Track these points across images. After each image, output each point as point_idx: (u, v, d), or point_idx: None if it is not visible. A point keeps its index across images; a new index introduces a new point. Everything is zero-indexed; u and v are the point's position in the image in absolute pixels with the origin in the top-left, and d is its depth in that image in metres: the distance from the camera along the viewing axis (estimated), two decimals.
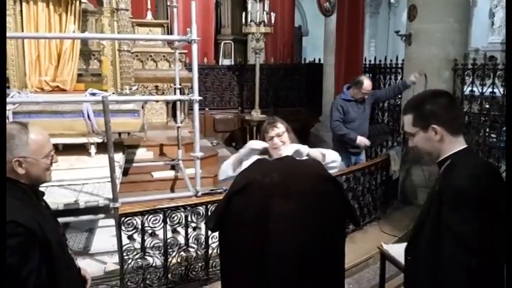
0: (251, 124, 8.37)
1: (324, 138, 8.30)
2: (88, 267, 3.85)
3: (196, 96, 4.15)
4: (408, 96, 5.74)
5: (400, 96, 6.54)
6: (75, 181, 4.15)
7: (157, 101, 7.17)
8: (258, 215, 2.25)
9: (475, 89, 5.32)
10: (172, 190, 5.68)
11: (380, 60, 7.22)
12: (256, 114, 8.41)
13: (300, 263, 2.29)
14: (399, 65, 6.61)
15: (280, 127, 2.57)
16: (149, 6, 7.72)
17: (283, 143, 2.52)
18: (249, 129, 8.41)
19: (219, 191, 4.24)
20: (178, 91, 5.93)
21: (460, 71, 5.45)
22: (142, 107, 5.57)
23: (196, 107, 4.17)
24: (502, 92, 4.83)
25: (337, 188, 2.40)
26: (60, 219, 3.83)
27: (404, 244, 1.87)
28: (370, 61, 7.45)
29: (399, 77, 6.60)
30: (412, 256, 1.85)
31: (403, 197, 5.68)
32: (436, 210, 1.63)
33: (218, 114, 9.06)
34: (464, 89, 5.45)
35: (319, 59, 9.43)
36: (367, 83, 5.12)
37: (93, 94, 4.96)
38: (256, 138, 7.92)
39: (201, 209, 3.64)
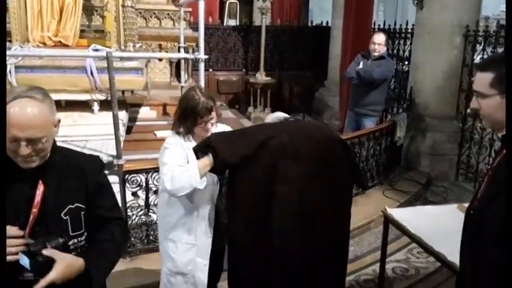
0: (255, 87, 8.28)
1: (328, 103, 8.24)
2: None
3: (202, 55, 4.07)
4: (419, 64, 5.67)
5: (407, 62, 6.45)
6: (78, 137, 4.14)
7: (160, 60, 7.06)
8: (266, 176, 2.23)
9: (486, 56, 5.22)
10: None
11: (389, 25, 7.05)
12: (261, 77, 8.31)
13: (306, 226, 2.29)
14: (409, 30, 6.46)
15: (215, 110, 2.37)
16: None
17: (213, 124, 2.40)
18: (253, 91, 8.33)
19: None
20: (182, 50, 5.82)
21: (471, 37, 5.33)
22: (146, 66, 5.49)
23: (202, 66, 4.09)
24: None
25: (346, 151, 2.37)
26: None
27: (408, 208, 1.84)
28: (379, 25, 7.27)
29: (408, 43, 6.46)
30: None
31: (407, 163, 5.68)
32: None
33: (222, 75, 8.94)
34: (475, 57, 5.35)
35: (327, 22, 9.22)
36: (377, 34, 5.24)
37: (97, 50, 4.88)
38: (258, 102, 7.67)
39: None
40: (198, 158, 2.24)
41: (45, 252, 1.44)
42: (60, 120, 1.61)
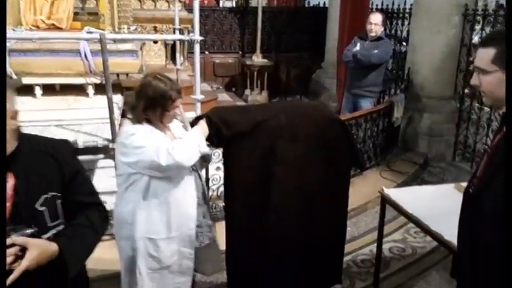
0: (252, 69, 8.22)
1: (325, 85, 8.19)
2: None
3: (197, 36, 4.01)
4: (416, 53, 5.62)
5: (405, 43, 6.40)
6: (73, 121, 4.10)
7: (155, 42, 6.98)
8: (263, 158, 2.22)
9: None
10: None
11: (387, 5, 6.98)
12: (258, 59, 8.25)
13: (303, 213, 2.29)
14: (407, 10, 6.39)
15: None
16: None
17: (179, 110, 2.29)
18: (250, 74, 8.27)
19: None
20: (177, 32, 5.74)
21: (470, 16, 5.27)
22: (141, 48, 5.42)
23: (197, 47, 4.04)
24: None
25: (345, 132, 2.36)
26: None
27: (405, 188, 1.83)
28: (377, 5, 7.19)
29: (406, 23, 6.40)
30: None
31: (404, 144, 5.68)
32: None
33: (218, 58, 8.86)
34: (473, 37, 5.29)
35: (324, 3, 9.11)
36: (373, 14, 5.21)
37: (90, 33, 4.80)
38: (255, 85, 7.59)
39: None
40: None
41: (17, 240, 1.38)
42: (17, 111, 1.48)
